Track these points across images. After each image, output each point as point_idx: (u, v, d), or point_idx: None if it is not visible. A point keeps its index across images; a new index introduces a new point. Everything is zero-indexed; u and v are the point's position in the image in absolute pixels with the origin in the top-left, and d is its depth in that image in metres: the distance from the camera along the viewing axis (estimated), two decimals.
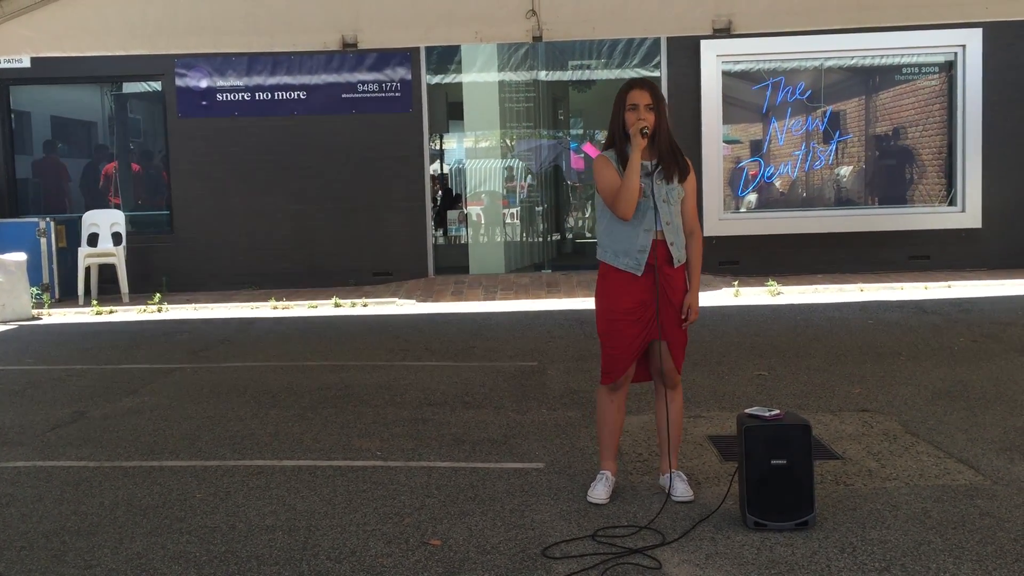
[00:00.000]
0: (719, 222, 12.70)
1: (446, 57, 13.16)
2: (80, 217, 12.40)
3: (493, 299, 11.55)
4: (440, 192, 16.26)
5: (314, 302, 11.49)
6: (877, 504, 4.19)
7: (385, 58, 12.70)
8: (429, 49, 12.82)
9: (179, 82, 12.82)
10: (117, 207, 13.08)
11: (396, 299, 11.65)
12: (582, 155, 16.67)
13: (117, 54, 9.41)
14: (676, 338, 4.30)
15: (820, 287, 11.52)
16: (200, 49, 9.34)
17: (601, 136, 16.82)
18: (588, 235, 16.24)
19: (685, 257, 4.30)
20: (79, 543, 4.01)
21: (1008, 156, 12.63)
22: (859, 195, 13.30)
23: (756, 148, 13.23)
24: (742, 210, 13.14)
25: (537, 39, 8.32)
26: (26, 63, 12.54)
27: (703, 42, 12.36)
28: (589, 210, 16.94)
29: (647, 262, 4.20)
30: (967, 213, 12.67)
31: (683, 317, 4.27)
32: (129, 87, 13.88)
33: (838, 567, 3.56)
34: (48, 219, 12.11)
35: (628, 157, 4.17)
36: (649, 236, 4.20)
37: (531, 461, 4.98)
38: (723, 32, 8.29)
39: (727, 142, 13.14)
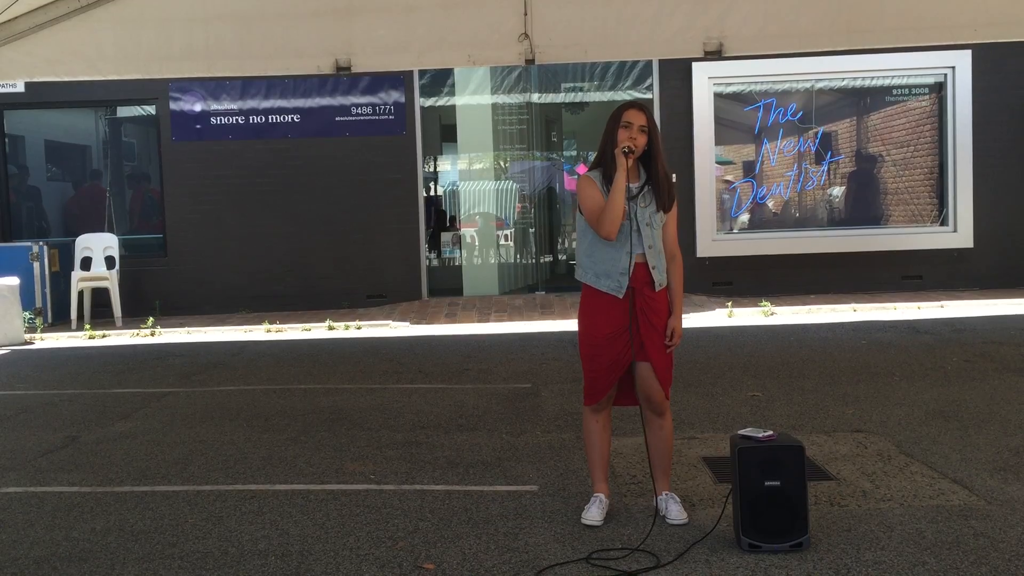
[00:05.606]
0: (712, 243, 12.74)
1: (439, 80, 13.23)
2: (73, 241, 12.39)
3: (487, 321, 11.55)
4: (435, 213, 16.27)
5: (308, 325, 11.48)
6: (871, 525, 4.19)
7: (379, 81, 12.75)
8: (422, 72, 12.90)
9: (173, 106, 12.85)
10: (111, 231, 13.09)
11: (390, 321, 11.65)
12: (575, 177, 16.73)
13: (111, 79, 9.45)
14: (660, 361, 4.30)
15: (813, 307, 11.54)
16: (194, 73, 9.37)
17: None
18: None
19: (666, 281, 4.33)
20: (70, 569, 3.99)
21: (999, 176, 12.70)
22: (851, 215, 13.35)
23: (748, 169, 13.29)
24: (735, 231, 13.18)
25: (530, 62, 8.39)
26: (20, 88, 12.57)
27: (695, 64, 12.44)
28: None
29: (628, 285, 4.22)
30: (959, 233, 12.72)
31: (667, 340, 4.29)
32: (123, 111, 13.91)
33: None
34: (41, 243, 12.09)
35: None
36: (631, 259, 4.22)
37: (525, 484, 4.98)
38: (714, 55, 8.37)
39: (719, 163, 13.20)
